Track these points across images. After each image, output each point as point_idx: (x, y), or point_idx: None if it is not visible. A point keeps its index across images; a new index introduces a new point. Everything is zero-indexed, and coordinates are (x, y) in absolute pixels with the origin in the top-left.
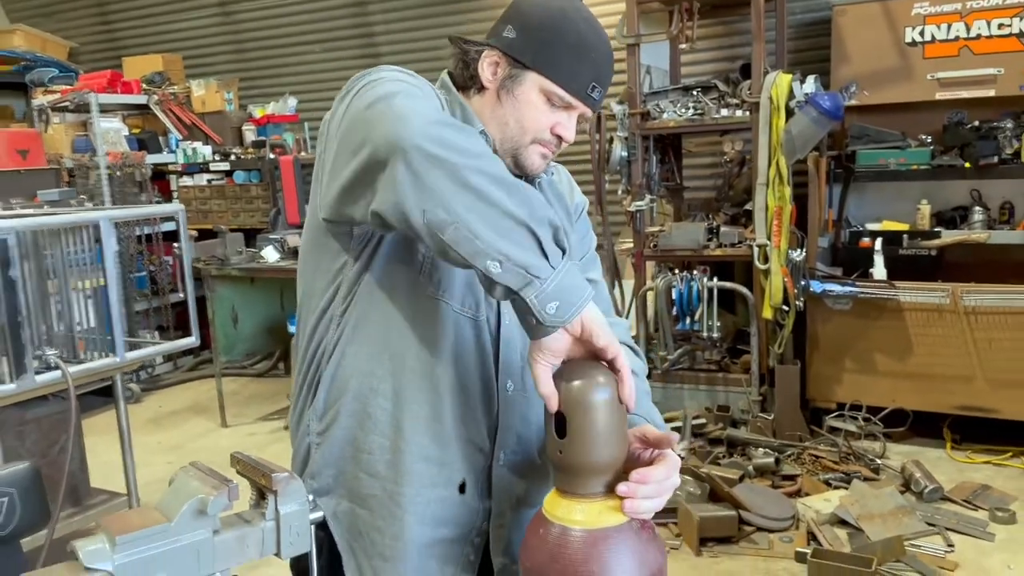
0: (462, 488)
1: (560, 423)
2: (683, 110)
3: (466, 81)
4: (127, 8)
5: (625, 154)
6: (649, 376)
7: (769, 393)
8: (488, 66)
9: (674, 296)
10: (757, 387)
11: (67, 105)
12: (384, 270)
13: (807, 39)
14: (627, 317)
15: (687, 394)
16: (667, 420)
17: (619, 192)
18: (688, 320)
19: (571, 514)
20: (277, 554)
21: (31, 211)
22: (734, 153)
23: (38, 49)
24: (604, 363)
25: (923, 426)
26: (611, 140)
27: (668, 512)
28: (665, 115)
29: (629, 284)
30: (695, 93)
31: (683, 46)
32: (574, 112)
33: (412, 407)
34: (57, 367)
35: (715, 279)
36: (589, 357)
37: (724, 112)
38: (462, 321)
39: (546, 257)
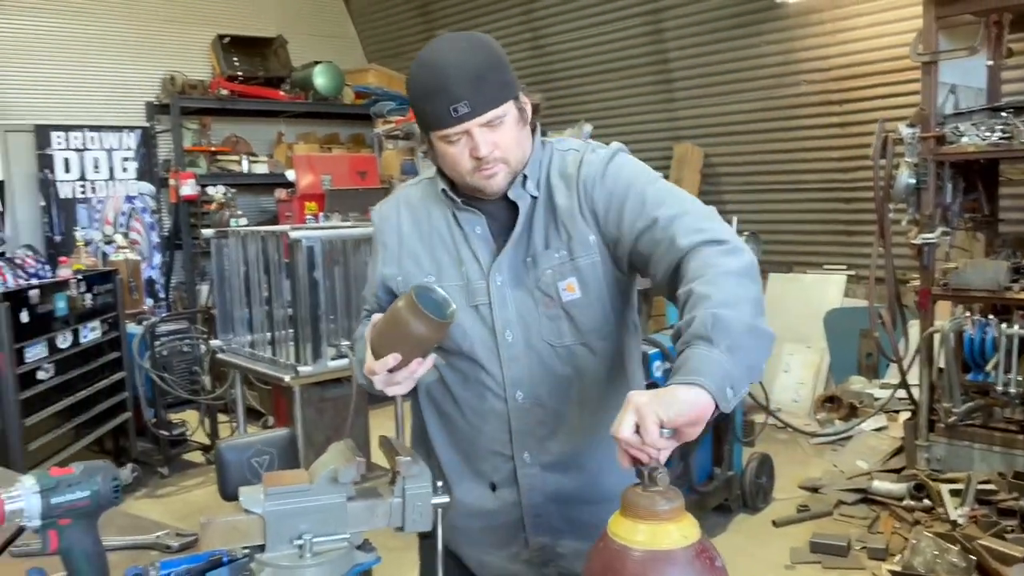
0: (493, 487)
1: None
2: (987, 133)
3: None
4: None
5: (913, 181)
6: (932, 429)
7: None
8: (426, 145)
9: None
10: None
11: (398, 133)
12: None
13: None
14: (909, 363)
15: (977, 455)
16: (949, 481)
17: (903, 223)
18: (983, 371)
19: (631, 534)
20: (401, 528)
21: (337, 224)
22: None
23: (385, 85)
24: None
25: None
26: (898, 165)
27: None
28: (964, 139)
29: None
30: (1005, 115)
31: (989, 63)
32: (472, 132)
33: (433, 429)
34: (345, 355)
35: (1017, 326)
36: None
37: None
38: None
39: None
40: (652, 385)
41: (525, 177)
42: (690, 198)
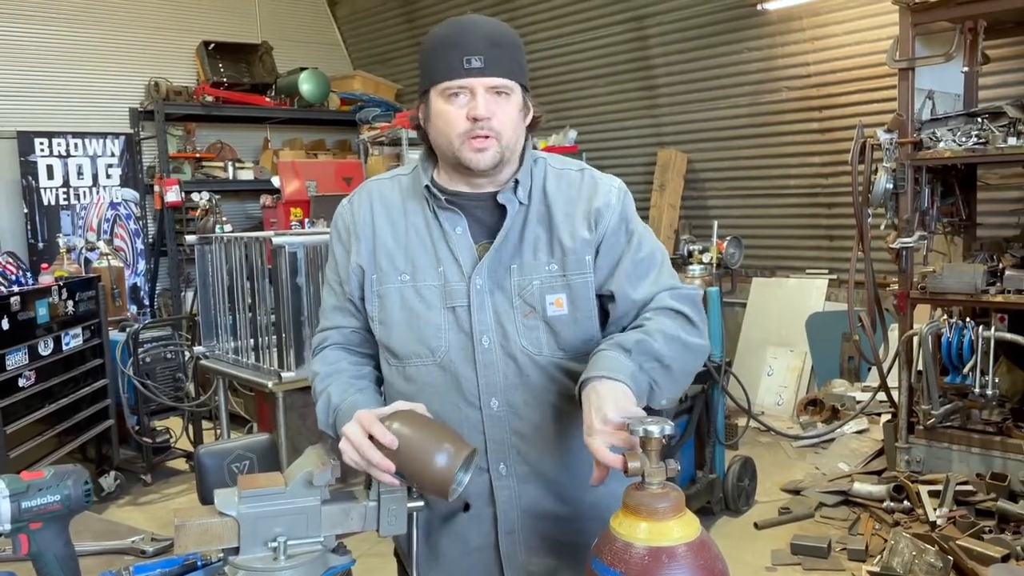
0: (466, 507)
1: None
2: (963, 139)
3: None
4: None
5: (891, 186)
6: (911, 431)
7: None
8: (420, 113)
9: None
10: None
11: (383, 140)
12: (378, 332)
13: None
14: (889, 365)
15: (956, 456)
16: (928, 482)
17: (882, 227)
18: (960, 373)
19: (633, 531)
20: (378, 531)
21: (323, 230)
22: None
23: (371, 91)
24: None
25: None
26: (876, 170)
27: None
28: (941, 144)
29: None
30: (981, 120)
31: (964, 69)
32: (476, 91)
33: None
34: None
35: (993, 329)
36: None
37: (1012, 141)
38: (439, 355)
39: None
40: None
41: (517, 183)
42: (666, 258)
